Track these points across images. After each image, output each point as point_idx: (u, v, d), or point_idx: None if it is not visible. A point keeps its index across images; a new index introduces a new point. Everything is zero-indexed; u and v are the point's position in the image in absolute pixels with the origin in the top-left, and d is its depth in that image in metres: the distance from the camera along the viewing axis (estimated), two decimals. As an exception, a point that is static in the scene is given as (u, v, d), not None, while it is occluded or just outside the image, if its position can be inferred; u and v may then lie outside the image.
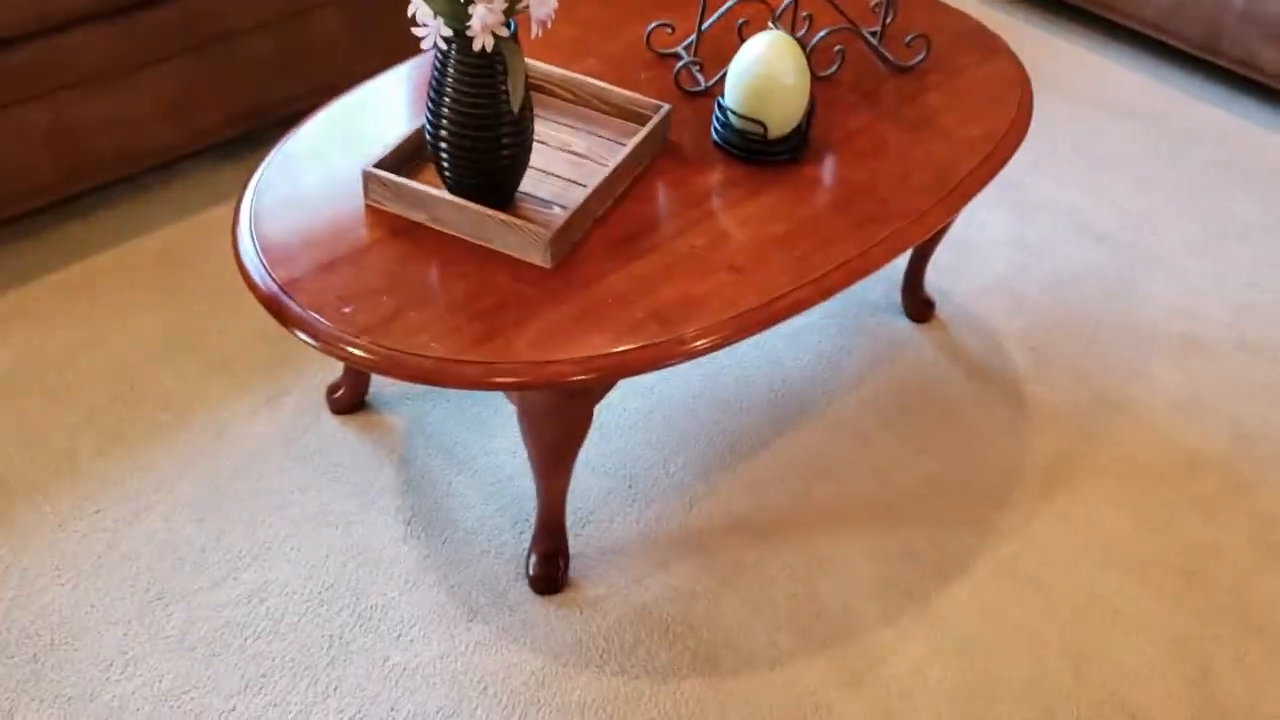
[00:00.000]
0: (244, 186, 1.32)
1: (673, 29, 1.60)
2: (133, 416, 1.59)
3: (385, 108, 1.46)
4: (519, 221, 1.22)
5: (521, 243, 1.23)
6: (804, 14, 1.62)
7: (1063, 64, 2.50)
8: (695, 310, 1.20)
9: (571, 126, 1.44)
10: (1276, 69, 2.30)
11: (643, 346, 1.16)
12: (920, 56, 1.60)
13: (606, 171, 1.30)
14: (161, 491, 1.49)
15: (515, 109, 1.14)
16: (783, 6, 1.58)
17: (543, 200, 1.32)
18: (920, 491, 1.57)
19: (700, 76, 1.53)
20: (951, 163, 1.44)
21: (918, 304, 1.85)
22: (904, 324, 1.84)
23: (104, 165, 1.83)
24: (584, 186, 1.32)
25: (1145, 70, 2.50)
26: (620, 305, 1.20)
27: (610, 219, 1.31)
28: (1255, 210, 2.13)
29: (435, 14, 1.13)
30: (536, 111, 1.44)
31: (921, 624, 1.40)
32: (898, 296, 1.86)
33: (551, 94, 1.48)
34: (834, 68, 1.57)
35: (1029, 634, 1.40)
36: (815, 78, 1.55)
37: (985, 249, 1.99)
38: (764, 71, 1.37)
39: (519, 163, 1.26)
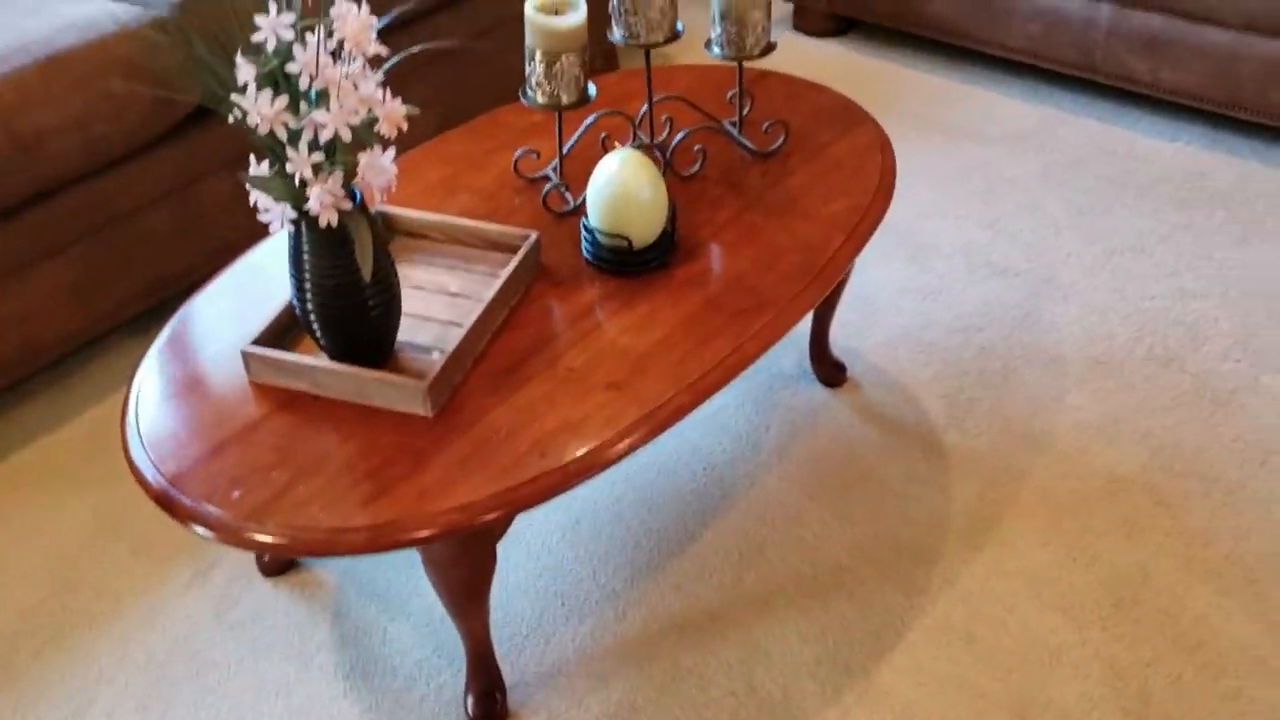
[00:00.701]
0: (129, 378, 1.35)
1: (538, 154, 1.65)
2: (66, 611, 1.61)
3: (278, 269, 1.50)
4: (394, 377, 1.26)
5: (400, 396, 1.27)
6: (664, 118, 1.68)
7: (944, 102, 2.57)
8: (576, 435, 1.24)
9: (448, 267, 1.48)
10: (1150, 79, 2.37)
11: (527, 482, 1.19)
12: (779, 141, 1.66)
13: (479, 310, 1.35)
14: (102, 684, 1.51)
15: (367, 278, 1.18)
16: (640, 115, 1.64)
17: (422, 347, 1.35)
18: (849, 561, 1.59)
19: (569, 196, 1.58)
20: (819, 242, 1.49)
21: (828, 369, 1.89)
22: (818, 390, 1.88)
23: (11, 364, 1.86)
24: (461, 327, 1.36)
25: (1026, 96, 2.57)
26: (503, 441, 1.24)
27: (490, 353, 1.35)
28: (1148, 221, 2.19)
29: (276, 198, 1.17)
30: (413, 257, 1.49)
31: (862, 698, 1.42)
32: (809, 365, 1.90)
33: (425, 237, 1.52)
34: (696, 166, 1.62)
35: (969, 690, 1.43)
36: (680, 178, 1.60)
37: (889, 301, 2.04)
38: (619, 190, 1.41)
39: (389, 320, 1.30)
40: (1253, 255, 2.08)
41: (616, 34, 1.53)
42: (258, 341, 1.33)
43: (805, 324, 1.91)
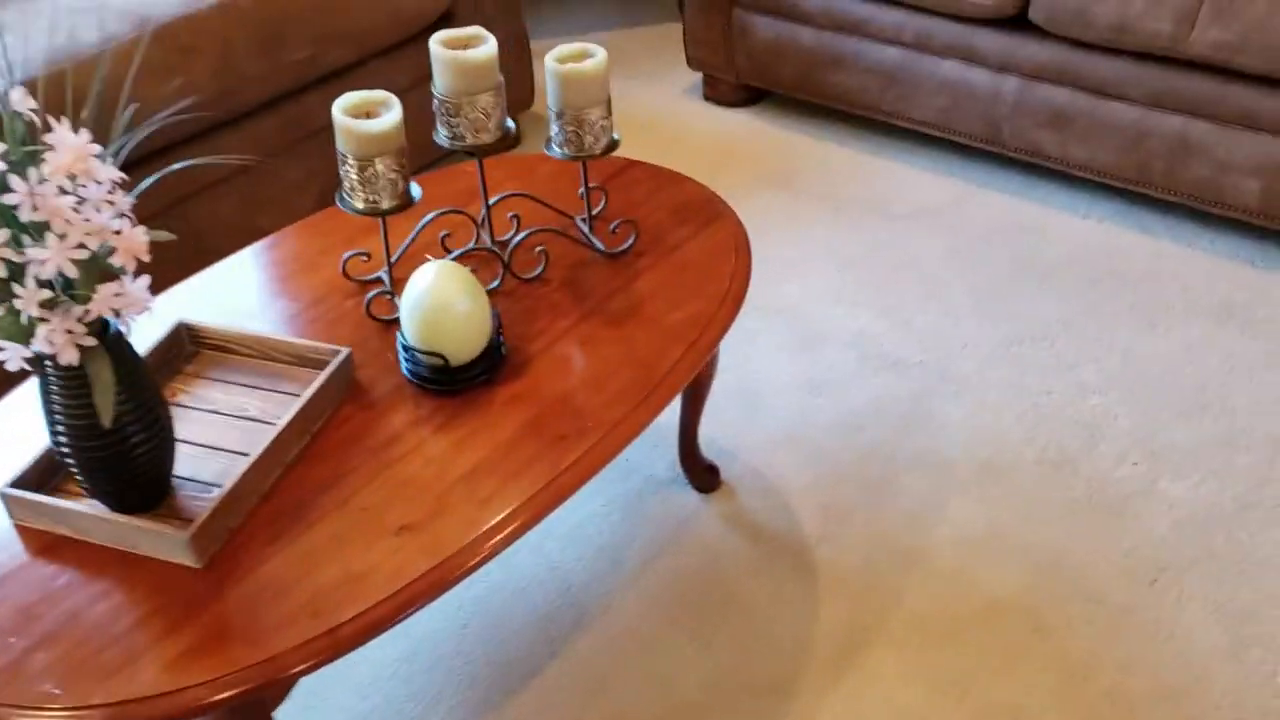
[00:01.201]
0: (-116, 522, 1.23)
1: (368, 256, 1.54)
2: None
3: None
4: (155, 525, 1.15)
5: (164, 545, 1.15)
6: (510, 215, 1.58)
7: (851, 176, 2.48)
8: (355, 591, 1.12)
9: (251, 386, 1.37)
10: (1058, 153, 2.28)
11: (292, 650, 1.08)
12: (628, 241, 1.56)
13: (268, 440, 1.23)
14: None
15: (106, 424, 1.07)
16: (482, 215, 1.54)
17: (205, 484, 1.24)
18: (700, 697, 1.48)
19: (398, 302, 1.47)
20: (656, 356, 1.38)
21: (700, 473, 1.78)
22: (690, 497, 1.77)
23: None
24: (249, 457, 1.25)
25: (936, 169, 2.49)
26: (276, 598, 1.12)
27: (280, 489, 1.24)
28: (1051, 305, 2.09)
29: (5, 337, 1.06)
30: (216, 374, 1.38)
31: None
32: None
33: (231, 351, 1.41)
34: (539, 269, 1.52)
35: None
36: (521, 280, 1.50)
37: (773, 396, 1.93)
38: (434, 303, 1.31)
39: (160, 458, 1.18)
40: (1159, 345, 1.99)
41: (440, 135, 1.43)
42: (20, 482, 1.21)
43: (675, 420, 1.80)
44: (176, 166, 1.27)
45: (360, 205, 1.38)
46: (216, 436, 1.30)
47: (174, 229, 2.06)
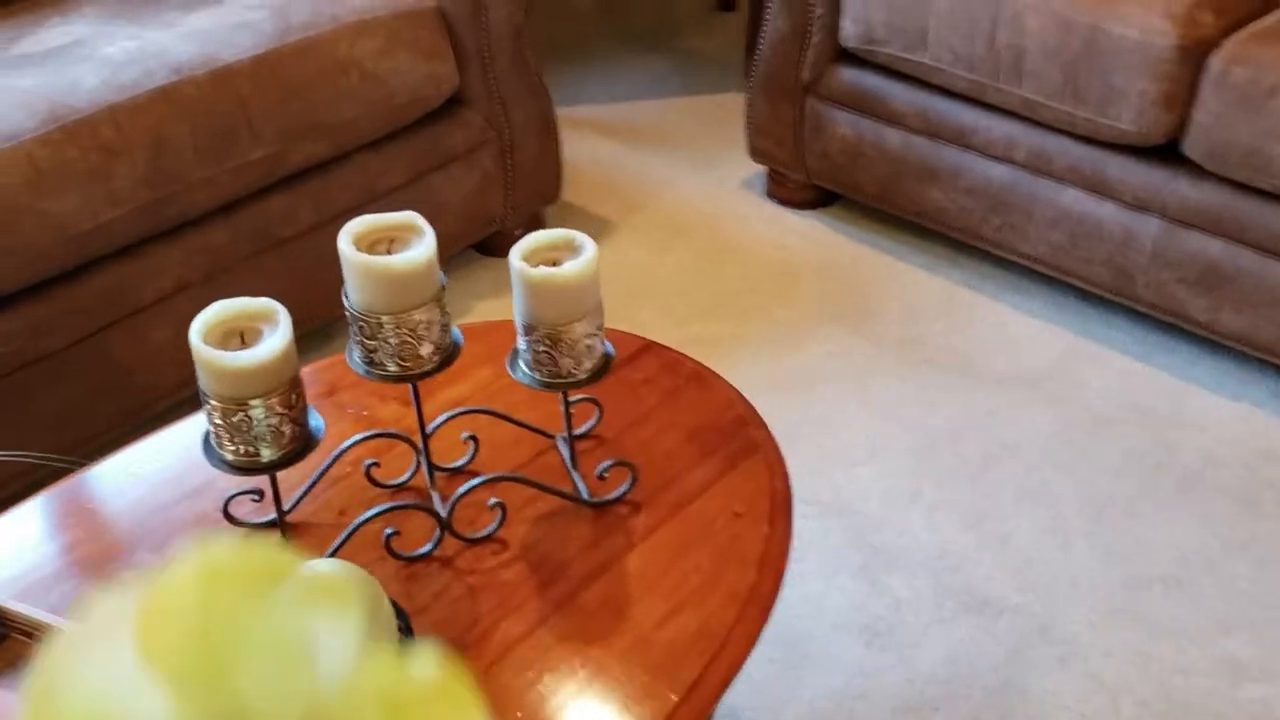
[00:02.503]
0: None
1: (260, 496, 1.15)
2: None
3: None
4: None
5: None
6: (464, 435, 1.18)
7: (937, 313, 2.04)
8: None
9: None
10: (1206, 319, 1.82)
11: None
12: (621, 489, 1.14)
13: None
14: None
15: None
16: (421, 444, 1.14)
17: None
18: None
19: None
20: (634, 700, 0.97)
21: (713, 766, 1.36)
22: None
23: None
24: None
25: (1046, 312, 2.04)
26: None
27: None
28: (1190, 530, 1.63)
29: None
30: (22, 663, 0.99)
31: None
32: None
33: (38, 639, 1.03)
34: (492, 527, 1.11)
35: None
36: (465, 542, 1.10)
37: (822, 644, 1.51)
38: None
39: None
40: (1336, 600, 1.53)
41: (353, 358, 1.03)
42: None
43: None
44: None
45: (229, 458, 0.99)
46: (-11, 800, 0.92)
47: (87, 364, 1.69)
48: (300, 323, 0.97)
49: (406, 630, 0.99)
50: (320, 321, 1.94)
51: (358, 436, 1.15)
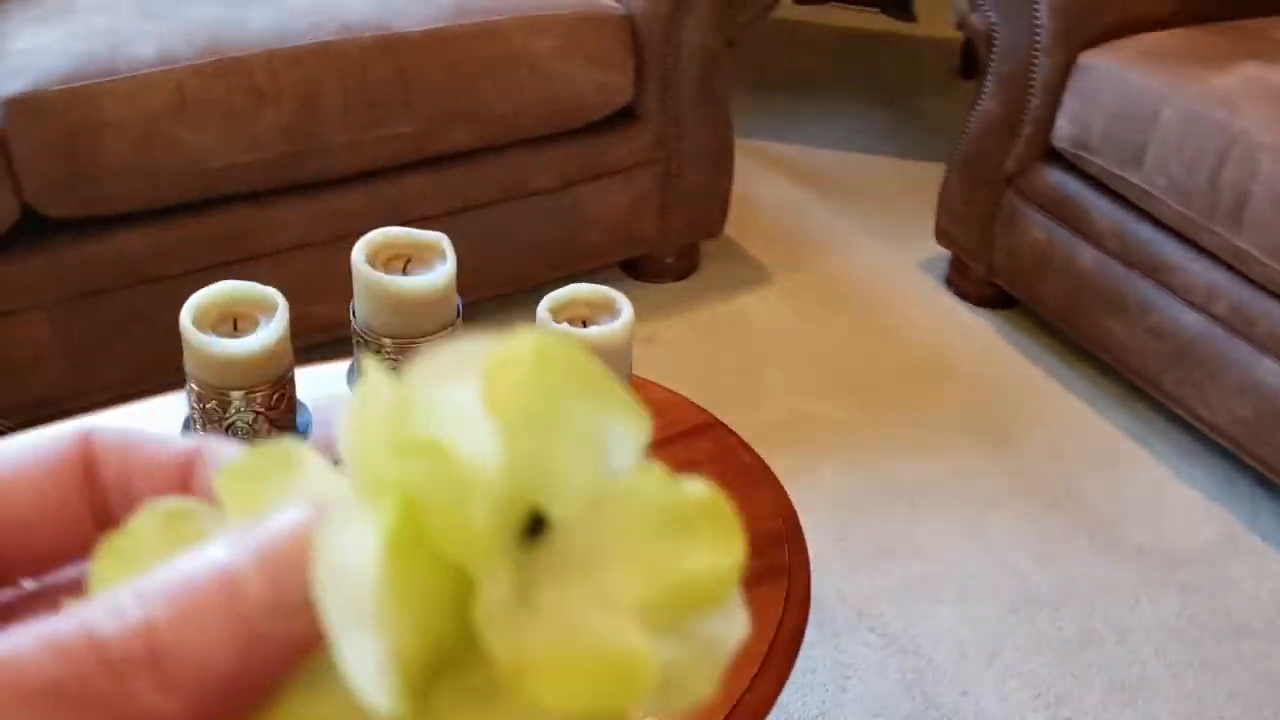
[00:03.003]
0: None
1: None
2: None
3: None
4: None
5: None
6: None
7: (1083, 449, 1.84)
8: None
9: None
10: (1393, 544, 1.57)
11: None
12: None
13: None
14: None
15: None
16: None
17: None
18: None
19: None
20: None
21: None
22: None
23: None
24: None
25: (1202, 483, 1.81)
26: None
27: None
28: (1306, 786, 1.40)
29: None
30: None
31: None
32: None
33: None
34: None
35: None
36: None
37: (834, 791, 1.36)
38: None
39: None
40: None
41: (352, 377, 0.97)
42: None
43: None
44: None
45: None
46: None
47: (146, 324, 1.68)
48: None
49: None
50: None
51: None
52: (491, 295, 1.97)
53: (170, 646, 0.18)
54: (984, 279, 2.13)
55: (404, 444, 0.19)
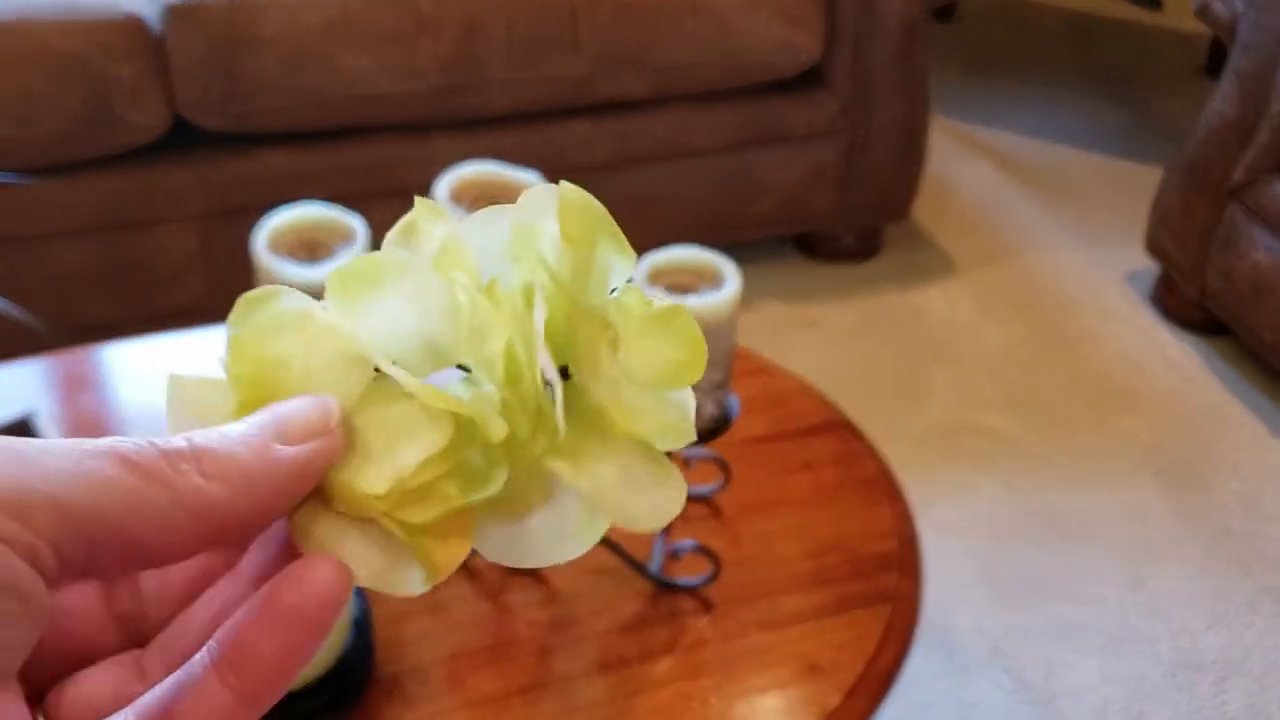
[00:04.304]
0: None
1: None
2: None
3: None
4: None
5: None
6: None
7: (1278, 504, 1.64)
8: None
9: None
10: None
11: None
12: (695, 580, 0.95)
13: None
14: None
15: None
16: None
17: None
18: None
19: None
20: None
21: None
22: None
23: None
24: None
25: None
26: None
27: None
28: None
29: None
30: None
31: None
32: None
33: None
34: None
35: None
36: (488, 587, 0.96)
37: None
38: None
39: None
40: None
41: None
42: None
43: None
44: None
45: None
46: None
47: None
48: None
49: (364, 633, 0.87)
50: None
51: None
52: (646, 257, 1.90)
53: (209, 448, 0.25)
54: (1194, 300, 1.92)
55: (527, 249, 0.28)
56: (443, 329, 0.27)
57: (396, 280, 0.27)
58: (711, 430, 0.88)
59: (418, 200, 0.29)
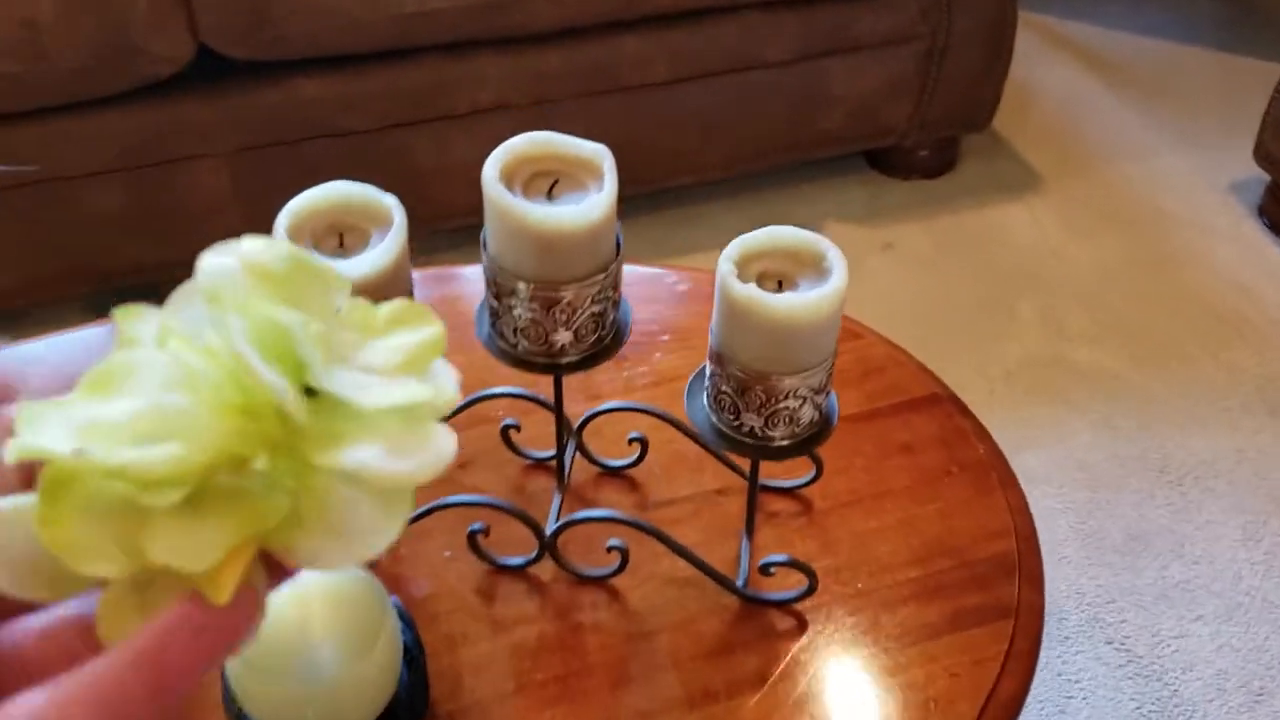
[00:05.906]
0: None
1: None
2: None
3: None
4: None
5: None
6: (632, 435, 0.91)
7: None
8: None
9: None
10: None
11: None
12: (786, 595, 0.83)
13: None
14: None
15: None
16: (566, 438, 0.88)
17: None
18: None
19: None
20: None
21: None
22: None
23: None
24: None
25: None
26: None
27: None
28: None
29: None
30: None
31: None
32: None
33: None
34: (607, 569, 0.84)
35: None
36: (569, 571, 0.84)
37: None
38: (284, 629, 0.71)
39: None
40: None
41: (481, 316, 0.77)
42: None
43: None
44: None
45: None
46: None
47: (380, 155, 1.55)
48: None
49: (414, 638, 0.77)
50: (646, 188, 1.70)
51: (497, 390, 0.91)
52: (716, 179, 1.75)
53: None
54: (1310, 214, 1.75)
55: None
56: (183, 393, 0.30)
57: (138, 373, 0.30)
58: (811, 438, 0.75)
59: (116, 311, 0.31)
